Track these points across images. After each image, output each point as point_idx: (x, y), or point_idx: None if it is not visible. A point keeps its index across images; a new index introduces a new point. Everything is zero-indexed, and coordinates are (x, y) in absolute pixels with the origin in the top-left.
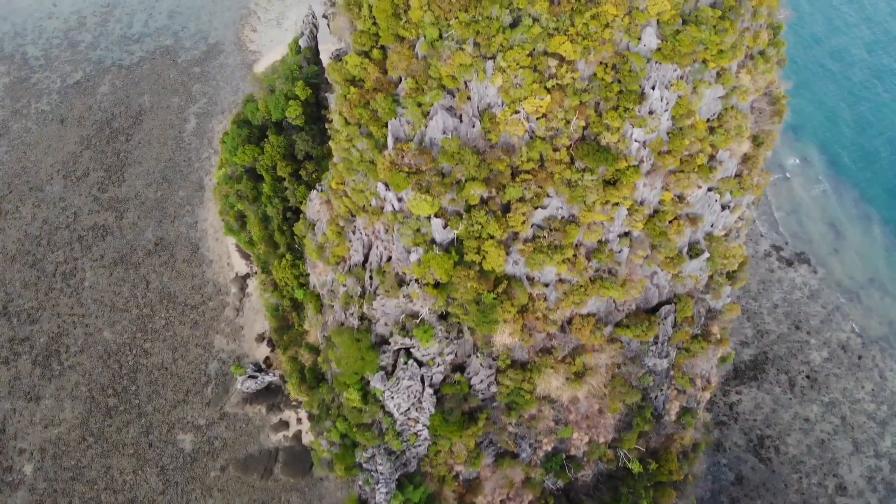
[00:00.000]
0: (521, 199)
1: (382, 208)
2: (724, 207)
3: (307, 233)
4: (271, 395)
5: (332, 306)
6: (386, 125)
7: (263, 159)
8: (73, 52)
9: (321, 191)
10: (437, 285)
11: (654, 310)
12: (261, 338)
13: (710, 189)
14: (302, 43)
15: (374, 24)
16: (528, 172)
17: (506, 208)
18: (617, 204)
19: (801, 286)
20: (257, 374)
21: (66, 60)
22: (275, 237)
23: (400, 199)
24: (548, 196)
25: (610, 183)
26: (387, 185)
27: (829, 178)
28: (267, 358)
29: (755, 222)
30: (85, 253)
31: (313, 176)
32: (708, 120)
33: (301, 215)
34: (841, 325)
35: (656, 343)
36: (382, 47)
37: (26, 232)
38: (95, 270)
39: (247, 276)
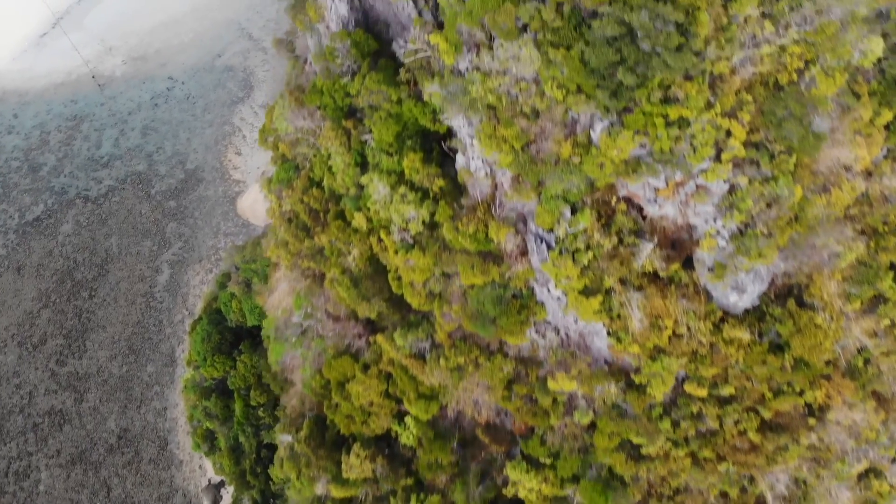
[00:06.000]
0: None
1: None
2: None
3: None
4: None
5: None
6: None
7: (235, 378)
8: (33, 178)
9: None
10: None
11: None
12: None
13: None
14: None
15: None
16: None
17: None
18: None
19: None
20: None
21: (25, 189)
22: (247, 477)
23: None
24: None
25: None
26: None
27: None
28: None
29: None
30: (40, 447)
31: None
32: None
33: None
34: None
35: None
36: None
37: None
38: (51, 470)
39: (221, 484)
